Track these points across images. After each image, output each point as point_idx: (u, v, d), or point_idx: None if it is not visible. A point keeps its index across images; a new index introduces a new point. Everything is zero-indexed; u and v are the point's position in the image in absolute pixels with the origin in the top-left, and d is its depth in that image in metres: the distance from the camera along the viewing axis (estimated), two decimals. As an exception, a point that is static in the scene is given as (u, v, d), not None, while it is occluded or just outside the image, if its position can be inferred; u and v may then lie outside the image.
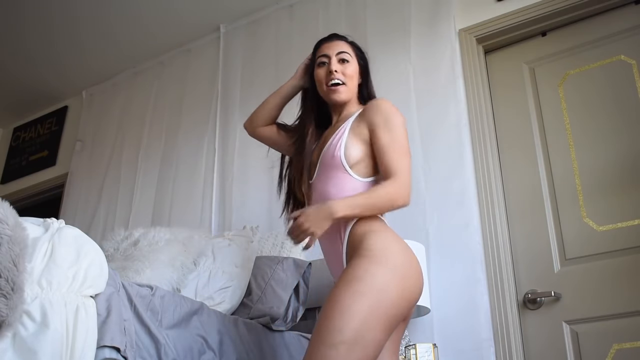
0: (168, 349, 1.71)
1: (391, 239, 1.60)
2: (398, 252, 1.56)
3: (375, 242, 1.56)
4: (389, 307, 1.45)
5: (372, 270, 1.49)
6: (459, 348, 2.26)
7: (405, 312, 1.53)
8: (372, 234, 1.59)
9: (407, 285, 1.51)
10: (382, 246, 1.55)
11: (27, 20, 3.60)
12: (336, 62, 1.90)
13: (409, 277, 1.52)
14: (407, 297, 1.51)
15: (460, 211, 2.47)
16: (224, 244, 2.49)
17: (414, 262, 1.57)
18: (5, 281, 1.24)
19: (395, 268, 1.51)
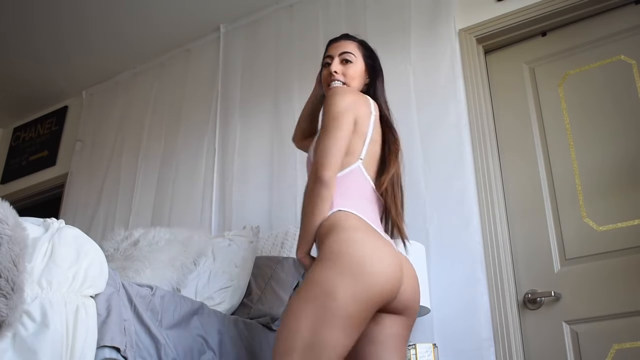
0: (168, 349, 1.71)
1: (348, 235, 1.56)
2: (353, 252, 1.51)
3: (331, 243, 1.55)
4: (337, 308, 1.42)
5: (322, 274, 1.49)
6: (459, 348, 2.26)
7: (367, 308, 1.47)
8: (332, 233, 1.57)
9: (360, 283, 1.46)
10: (337, 247, 1.53)
11: (28, 20, 3.61)
12: (338, 62, 1.90)
13: (362, 274, 1.47)
14: (363, 295, 1.46)
15: (460, 211, 2.47)
16: (224, 244, 2.50)
17: (375, 256, 1.51)
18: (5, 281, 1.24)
19: (345, 269, 1.48)
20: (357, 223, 1.61)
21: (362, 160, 1.73)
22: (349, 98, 1.76)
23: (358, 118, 1.74)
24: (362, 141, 1.74)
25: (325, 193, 1.64)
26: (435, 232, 2.47)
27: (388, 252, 1.56)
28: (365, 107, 1.79)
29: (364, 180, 1.73)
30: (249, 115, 3.31)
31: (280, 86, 3.23)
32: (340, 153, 1.68)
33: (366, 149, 1.74)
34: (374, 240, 1.57)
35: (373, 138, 1.78)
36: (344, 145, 1.70)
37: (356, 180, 1.72)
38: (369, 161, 1.76)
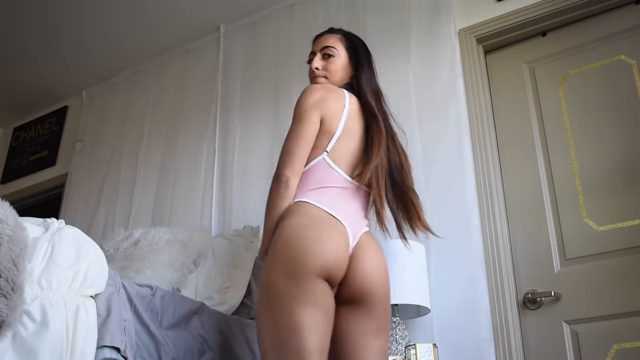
0: (168, 349, 1.71)
1: (287, 222, 1.61)
2: (284, 234, 1.57)
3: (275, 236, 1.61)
4: (279, 295, 1.50)
5: (265, 268, 1.60)
6: (459, 348, 2.25)
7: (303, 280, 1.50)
8: (278, 228, 1.63)
9: (291, 258, 1.53)
10: (275, 239, 1.60)
11: (28, 20, 3.60)
12: (320, 58, 1.91)
13: (292, 251, 1.53)
14: (296, 266, 1.51)
15: (460, 211, 2.47)
16: (224, 244, 2.50)
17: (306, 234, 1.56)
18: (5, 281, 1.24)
19: (275, 258, 1.56)
20: (303, 210, 1.64)
21: (327, 152, 1.74)
22: (316, 96, 1.78)
23: (326, 115, 1.76)
24: (329, 138, 1.75)
25: (283, 191, 1.68)
26: (435, 232, 2.46)
27: (326, 233, 1.59)
28: (336, 103, 1.79)
29: (331, 171, 1.73)
30: (249, 115, 3.31)
31: (280, 86, 3.23)
32: (302, 153, 1.72)
33: (333, 144, 1.75)
34: (313, 223, 1.59)
35: (349, 131, 1.78)
36: (306, 144, 1.73)
37: (321, 172, 1.72)
38: (341, 155, 1.75)
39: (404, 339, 2.17)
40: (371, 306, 1.63)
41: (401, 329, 2.19)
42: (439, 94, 2.70)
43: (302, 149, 1.72)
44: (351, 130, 1.79)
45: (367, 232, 1.74)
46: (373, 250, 1.69)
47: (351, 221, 1.68)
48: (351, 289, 1.62)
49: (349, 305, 1.63)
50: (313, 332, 1.47)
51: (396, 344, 2.15)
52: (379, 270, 1.67)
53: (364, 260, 1.65)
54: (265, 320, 1.53)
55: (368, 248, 1.68)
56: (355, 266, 1.63)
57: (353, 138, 1.78)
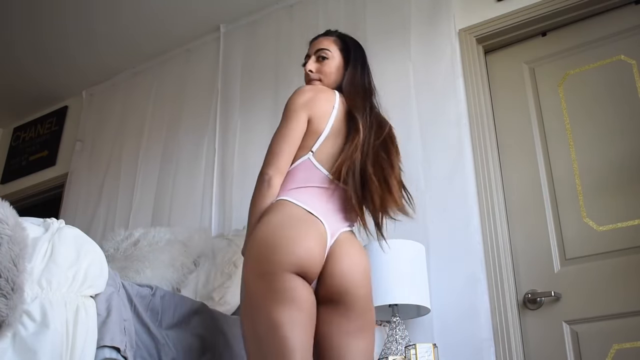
0: (168, 349, 1.71)
1: (261, 224, 1.61)
2: (256, 236, 1.58)
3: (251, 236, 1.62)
4: (256, 295, 1.52)
5: (243, 269, 1.60)
6: (459, 348, 2.25)
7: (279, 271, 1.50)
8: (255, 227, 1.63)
9: (264, 256, 1.53)
10: (251, 238, 1.61)
11: (27, 20, 3.60)
12: (314, 60, 1.92)
13: (264, 249, 1.54)
14: (269, 263, 1.51)
15: (460, 211, 2.47)
16: (224, 244, 2.50)
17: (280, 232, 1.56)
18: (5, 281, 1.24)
19: (250, 258, 1.57)
20: (281, 208, 1.64)
21: (312, 152, 1.74)
22: (306, 97, 1.78)
23: (314, 116, 1.77)
24: (316, 138, 1.75)
25: (265, 190, 1.69)
26: (435, 232, 2.47)
27: (302, 231, 1.58)
28: (326, 104, 1.80)
29: (315, 170, 1.73)
30: (249, 115, 3.31)
31: (280, 86, 3.23)
32: (287, 152, 1.73)
33: (319, 144, 1.75)
34: (290, 221, 1.59)
35: (336, 132, 1.77)
36: (292, 143, 1.74)
37: (305, 171, 1.73)
38: (327, 155, 1.75)
39: (404, 339, 2.17)
40: (350, 306, 1.61)
41: (401, 329, 2.19)
42: (439, 93, 2.70)
43: (287, 148, 1.73)
44: (338, 131, 1.79)
45: (347, 232, 1.71)
46: (352, 249, 1.67)
47: (330, 220, 1.67)
48: (328, 288, 1.61)
49: (327, 305, 1.61)
50: (294, 330, 1.47)
51: (396, 344, 2.15)
52: (358, 270, 1.64)
53: (342, 259, 1.63)
54: (247, 321, 1.54)
55: (347, 247, 1.66)
56: (333, 265, 1.61)
57: (339, 138, 1.78)
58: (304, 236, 1.57)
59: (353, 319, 1.61)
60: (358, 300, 1.62)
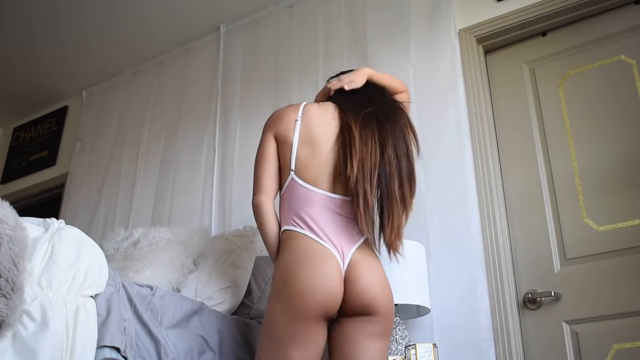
0: (168, 349, 1.71)
1: (279, 262, 1.69)
2: (279, 276, 1.66)
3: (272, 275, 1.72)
4: (274, 328, 1.61)
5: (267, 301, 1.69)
6: (459, 348, 2.26)
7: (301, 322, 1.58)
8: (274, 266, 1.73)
9: (286, 302, 1.60)
10: (272, 278, 1.70)
11: (27, 20, 3.60)
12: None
13: (287, 293, 1.61)
14: (292, 312, 1.59)
15: (460, 211, 2.47)
16: (224, 244, 2.50)
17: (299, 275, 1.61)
18: (5, 281, 1.24)
19: (274, 297, 1.65)
20: (292, 242, 1.68)
21: (293, 171, 1.76)
22: (271, 117, 1.89)
23: (279, 132, 1.82)
24: (289, 152, 1.78)
25: (261, 217, 1.78)
26: (435, 232, 2.47)
27: (315, 266, 1.62)
28: (290, 116, 1.83)
29: (303, 189, 1.73)
30: (249, 115, 3.31)
31: (280, 86, 3.23)
32: (264, 172, 1.80)
33: (294, 159, 1.76)
34: (305, 260, 1.63)
35: (312, 143, 1.77)
36: (266, 162, 1.81)
37: (295, 193, 1.75)
38: (309, 167, 1.75)
39: (404, 339, 2.17)
40: (373, 315, 1.66)
41: (401, 329, 2.19)
42: (439, 93, 2.70)
43: (263, 168, 1.81)
44: (313, 140, 1.77)
45: (359, 248, 1.71)
46: (366, 267, 1.68)
47: (341, 242, 1.68)
48: (351, 306, 1.65)
49: (350, 317, 1.67)
50: None
51: (396, 344, 2.15)
52: (376, 285, 1.67)
53: (359, 280, 1.65)
54: (262, 351, 1.64)
55: (361, 267, 1.67)
56: (351, 287, 1.65)
57: (317, 147, 1.77)
58: (323, 277, 1.61)
59: (376, 324, 1.66)
60: (380, 310, 1.66)
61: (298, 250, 1.66)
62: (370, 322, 1.66)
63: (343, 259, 1.67)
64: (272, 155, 1.81)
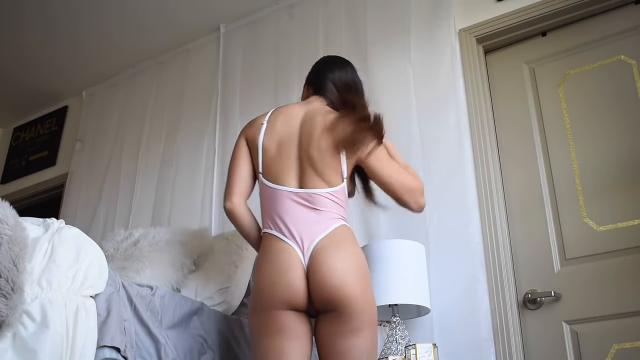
0: (168, 349, 1.71)
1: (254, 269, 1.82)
2: (252, 281, 1.75)
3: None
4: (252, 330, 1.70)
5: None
6: (459, 348, 2.25)
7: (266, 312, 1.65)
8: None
9: (254, 298, 1.71)
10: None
11: (27, 20, 3.60)
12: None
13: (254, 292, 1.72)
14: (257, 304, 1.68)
15: (460, 211, 2.47)
16: (224, 244, 2.50)
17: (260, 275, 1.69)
18: (5, 281, 1.24)
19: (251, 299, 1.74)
20: (263, 245, 1.75)
21: (261, 174, 1.83)
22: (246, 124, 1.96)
23: (249, 137, 1.89)
24: (257, 155, 1.85)
25: (233, 222, 1.88)
26: (435, 232, 2.47)
27: (273, 262, 1.68)
28: (259, 120, 1.91)
29: (270, 190, 1.79)
30: (249, 115, 3.27)
31: (280, 86, 3.23)
32: (232, 178, 1.89)
33: (261, 162, 1.83)
34: (268, 259, 1.70)
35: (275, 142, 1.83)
36: (235, 169, 1.89)
37: (265, 194, 1.82)
38: (274, 167, 1.81)
39: (404, 339, 2.17)
40: (342, 310, 1.61)
41: (401, 329, 2.19)
42: (439, 94, 2.70)
43: (233, 171, 1.90)
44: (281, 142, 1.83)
45: (327, 236, 1.69)
46: (330, 257, 1.65)
47: (302, 234, 1.69)
48: (315, 301, 1.65)
49: (324, 312, 1.66)
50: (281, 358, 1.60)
51: (396, 344, 2.15)
52: (338, 275, 1.62)
53: (318, 271, 1.63)
54: (250, 354, 1.70)
55: (323, 257, 1.64)
56: (312, 280, 1.64)
57: (287, 146, 1.82)
58: (279, 271, 1.66)
59: (348, 321, 1.61)
60: (348, 303, 1.60)
61: (265, 251, 1.72)
62: (339, 319, 1.60)
63: (303, 250, 1.67)
64: (242, 159, 1.88)
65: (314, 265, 1.64)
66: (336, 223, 1.72)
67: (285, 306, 1.63)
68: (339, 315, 1.61)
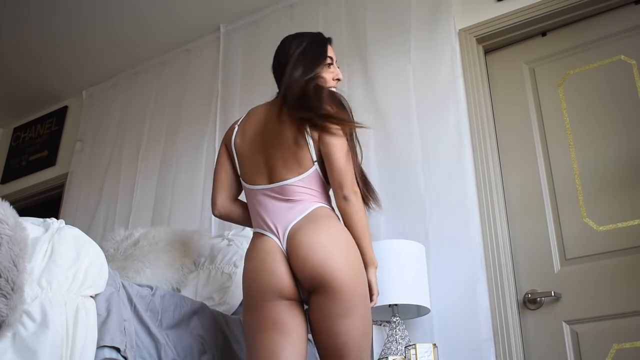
0: (168, 349, 1.71)
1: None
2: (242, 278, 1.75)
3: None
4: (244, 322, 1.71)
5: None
6: (459, 348, 2.26)
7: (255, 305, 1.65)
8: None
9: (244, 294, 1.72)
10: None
11: (28, 20, 3.60)
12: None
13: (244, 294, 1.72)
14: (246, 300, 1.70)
15: (460, 211, 2.47)
16: (224, 244, 2.50)
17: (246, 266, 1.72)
18: (5, 281, 1.24)
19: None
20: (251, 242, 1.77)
21: (240, 177, 1.85)
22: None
23: (226, 140, 1.90)
24: (234, 159, 1.86)
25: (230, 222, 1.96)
26: (435, 232, 2.47)
27: (255, 255, 1.70)
28: (234, 124, 1.92)
29: (250, 190, 1.80)
30: (249, 115, 3.30)
31: (280, 86, 3.22)
32: (215, 187, 1.90)
33: (237, 163, 1.84)
34: (251, 253, 1.72)
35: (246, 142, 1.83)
36: (216, 177, 1.90)
37: (247, 196, 1.83)
38: (248, 167, 1.81)
39: (404, 339, 2.17)
40: (330, 290, 1.57)
41: (401, 329, 2.19)
42: (439, 94, 2.70)
43: (214, 179, 1.91)
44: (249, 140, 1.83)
45: (303, 218, 1.66)
46: (306, 236, 1.62)
47: (276, 223, 1.69)
48: (302, 282, 1.63)
49: (314, 294, 1.61)
50: (279, 353, 1.59)
51: (396, 344, 2.15)
52: (318, 251, 1.59)
53: (299, 249, 1.61)
54: (246, 351, 1.71)
55: (298, 239, 1.62)
56: (294, 261, 1.63)
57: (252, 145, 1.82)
58: (260, 261, 1.67)
59: (337, 300, 1.57)
60: (334, 280, 1.56)
61: (249, 248, 1.75)
62: (330, 299, 1.56)
63: (279, 237, 1.67)
64: (222, 164, 1.89)
65: (292, 245, 1.62)
66: (312, 206, 1.69)
67: (274, 296, 1.62)
68: (329, 294, 1.56)
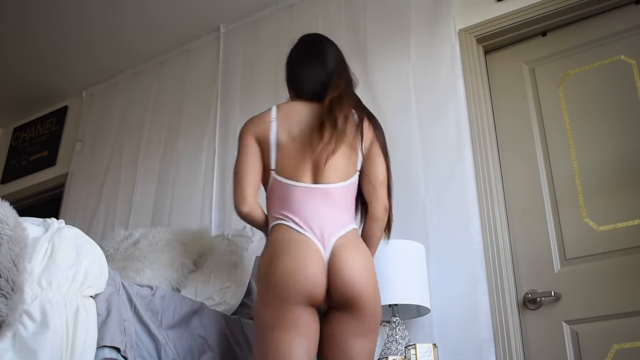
0: (168, 349, 1.71)
1: (260, 261, 1.73)
2: (260, 273, 1.69)
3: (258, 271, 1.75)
4: (261, 319, 1.64)
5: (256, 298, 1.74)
6: (459, 348, 2.25)
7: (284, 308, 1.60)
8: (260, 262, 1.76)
9: (268, 290, 1.63)
10: (258, 274, 1.74)
11: (27, 20, 3.60)
12: None
13: (268, 285, 1.64)
14: (274, 297, 1.61)
15: (460, 211, 2.46)
16: (224, 244, 2.50)
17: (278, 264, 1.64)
18: (5, 281, 1.24)
19: (259, 291, 1.68)
20: (274, 236, 1.72)
21: (274, 170, 1.81)
22: (247, 123, 1.91)
23: (258, 134, 1.85)
24: (269, 152, 1.82)
25: (249, 223, 1.86)
26: (435, 232, 2.47)
27: (293, 254, 1.64)
28: (265, 117, 1.88)
29: (284, 186, 1.77)
30: (249, 115, 3.27)
31: (281, 86, 3.19)
32: (248, 182, 1.81)
33: (274, 158, 1.81)
34: (279, 249, 1.67)
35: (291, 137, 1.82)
36: (249, 172, 1.82)
37: (278, 191, 1.79)
38: (289, 163, 1.79)
39: (404, 339, 2.17)
40: (359, 309, 1.65)
41: (401, 329, 2.19)
42: (439, 94, 2.70)
43: (246, 173, 1.82)
44: (292, 135, 1.82)
45: (344, 235, 1.71)
46: (351, 256, 1.68)
47: (322, 229, 1.69)
48: (336, 298, 1.65)
49: (338, 309, 1.66)
50: (294, 355, 1.57)
51: (396, 344, 2.15)
52: (360, 275, 1.66)
53: (342, 269, 1.65)
54: (255, 347, 1.66)
55: (345, 255, 1.67)
56: (335, 276, 1.64)
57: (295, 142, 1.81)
58: (300, 263, 1.62)
59: (362, 321, 1.65)
60: (366, 302, 1.65)
61: (277, 243, 1.69)
62: (355, 318, 1.64)
63: (324, 245, 1.67)
64: (254, 159, 1.83)
65: (336, 261, 1.65)
66: (351, 224, 1.76)
67: (304, 300, 1.60)
68: (356, 314, 1.64)
